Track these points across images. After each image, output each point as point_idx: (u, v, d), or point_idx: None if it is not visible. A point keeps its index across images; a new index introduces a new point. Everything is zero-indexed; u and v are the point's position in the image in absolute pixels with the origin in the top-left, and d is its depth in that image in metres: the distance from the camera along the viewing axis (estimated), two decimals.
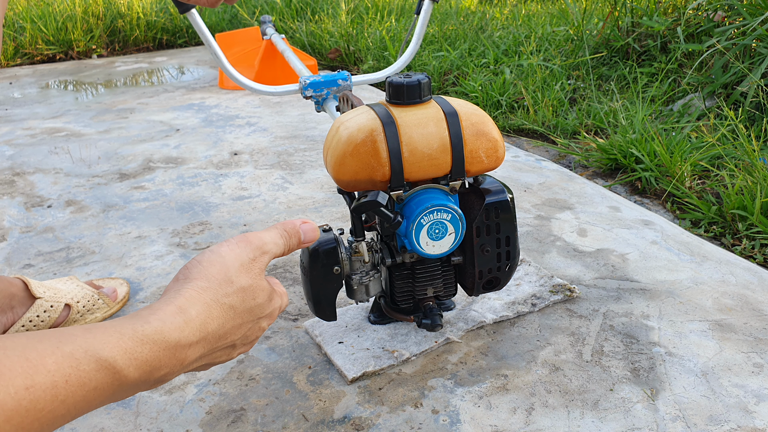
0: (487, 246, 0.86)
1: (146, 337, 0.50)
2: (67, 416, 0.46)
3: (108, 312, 1.05)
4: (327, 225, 0.86)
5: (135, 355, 0.49)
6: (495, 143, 0.83)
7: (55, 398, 0.44)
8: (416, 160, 0.80)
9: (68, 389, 0.45)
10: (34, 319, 0.98)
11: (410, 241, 0.82)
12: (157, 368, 0.51)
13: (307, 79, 1.30)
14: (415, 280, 0.89)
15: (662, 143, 1.58)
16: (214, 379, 0.92)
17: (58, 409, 0.45)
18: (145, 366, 0.50)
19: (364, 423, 0.83)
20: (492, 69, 2.46)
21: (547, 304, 1.03)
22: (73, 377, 0.45)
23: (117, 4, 3.50)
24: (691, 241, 1.25)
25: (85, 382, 0.46)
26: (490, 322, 0.99)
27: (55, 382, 0.44)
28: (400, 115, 0.80)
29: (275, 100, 2.35)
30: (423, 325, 0.89)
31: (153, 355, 0.51)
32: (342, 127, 0.81)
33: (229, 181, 1.61)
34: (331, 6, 3.59)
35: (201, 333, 0.55)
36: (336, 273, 0.84)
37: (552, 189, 1.50)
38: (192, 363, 0.56)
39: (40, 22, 3.30)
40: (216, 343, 0.58)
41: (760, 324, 0.99)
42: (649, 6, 2.39)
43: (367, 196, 0.78)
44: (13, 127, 2.18)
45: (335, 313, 0.87)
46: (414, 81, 0.80)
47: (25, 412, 0.42)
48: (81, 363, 0.46)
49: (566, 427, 0.81)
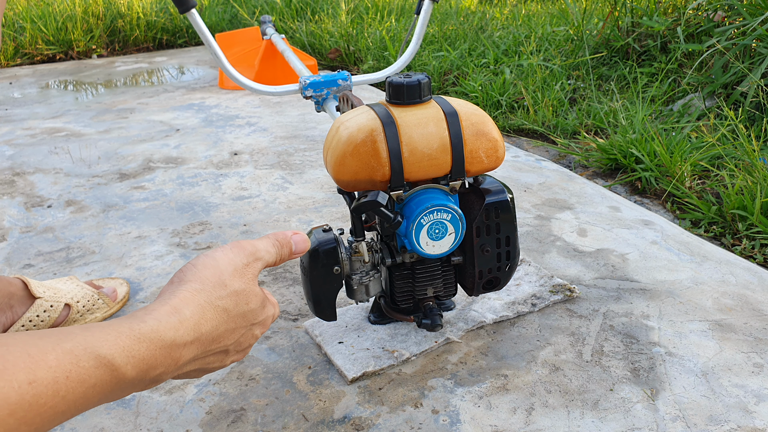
0: (487, 246, 0.86)
1: (143, 336, 0.51)
2: (67, 413, 0.47)
3: (108, 312, 1.05)
4: (327, 225, 0.86)
5: (132, 353, 0.50)
6: (495, 143, 0.83)
7: (56, 394, 0.45)
8: (416, 160, 0.80)
9: (69, 385, 0.46)
10: (33, 318, 0.98)
11: (410, 241, 0.82)
12: (153, 367, 0.52)
13: (307, 79, 1.30)
14: (415, 280, 0.89)
15: (662, 143, 1.58)
16: (214, 379, 0.92)
17: (59, 405, 0.45)
18: (141, 364, 0.51)
19: (364, 423, 0.83)
20: (492, 69, 2.46)
21: (547, 304, 1.03)
22: (74, 373, 0.46)
23: (117, 4, 3.50)
24: (691, 241, 1.25)
25: (84, 378, 0.47)
26: (490, 322, 0.99)
27: (57, 377, 0.45)
28: (400, 115, 0.80)
29: (275, 100, 2.35)
30: (423, 325, 0.89)
31: (149, 354, 0.52)
32: (342, 127, 0.81)
33: (229, 181, 1.61)
34: (331, 6, 3.59)
35: (195, 333, 0.56)
36: (336, 273, 0.84)
37: (552, 189, 1.50)
38: (186, 364, 0.57)
39: (40, 22, 3.30)
40: (209, 346, 0.58)
41: (760, 324, 0.99)
42: (649, 6, 2.39)
43: (367, 196, 0.78)
44: (13, 127, 2.18)
45: (335, 313, 0.87)
46: (414, 81, 0.80)
47: (28, 407, 0.43)
48: (81, 360, 0.47)
49: (566, 427, 0.81)
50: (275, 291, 1.12)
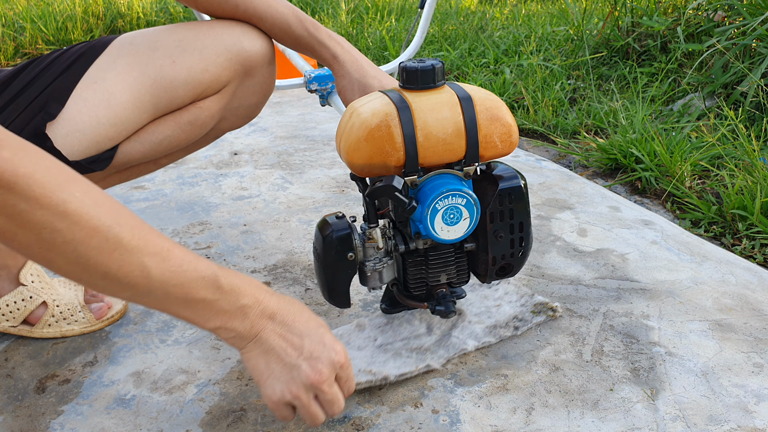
0: (500, 232, 0.86)
1: (228, 272, 0.70)
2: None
3: (88, 328, 1.02)
4: (340, 212, 0.86)
5: (225, 272, 0.68)
6: (509, 128, 0.82)
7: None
8: (431, 144, 0.79)
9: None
10: (10, 303, 0.97)
11: (425, 226, 0.82)
12: (241, 292, 0.69)
13: (312, 73, 1.30)
14: (428, 266, 0.89)
15: (662, 143, 1.58)
16: (214, 379, 0.92)
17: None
18: (233, 280, 0.69)
19: (364, 423, 0.83)
20: (492, 69, 2.46)
21: (530, 327, 0.99)
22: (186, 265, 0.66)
23: (117, 4, 3.51)
24: (691, 241, 1.25)
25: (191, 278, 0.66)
26: (472, 350, 0.94)
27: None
28: (415, 100, 0.79)
29: (275, 100, 2.35)
30: (437, 312, 0.88)
31: (238, 278, 0.70)
32: (356, 113, 0.81)
33: (229, 181, 1.61)
34: (331, 6, 3.59)
35: (276, 297, 0.74)
36: (350, 260, 0.84)
37: (552, 189, 1.50)
38: (269, 319, 0.71)
39: (40, 22, 3.30)
40: (288, 322, 0.73)
41: (760, 324, 0.99)
42: (649, 6, 2.39)
43: (382, 180, 0.78)
44: None
45: (349, 300, 0.87)
46: (428, 66, 0.79)
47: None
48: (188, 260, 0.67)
49: (566, 427, 0.81)
50: (275, 291, 1.12)
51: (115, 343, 1.00)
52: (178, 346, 0.99)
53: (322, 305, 1.07)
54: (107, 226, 0.58)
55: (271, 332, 0.71)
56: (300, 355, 0.71)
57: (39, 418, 0.85)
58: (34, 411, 0.87)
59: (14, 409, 0.87)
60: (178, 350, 0.98)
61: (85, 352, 0.98)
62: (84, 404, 0.88)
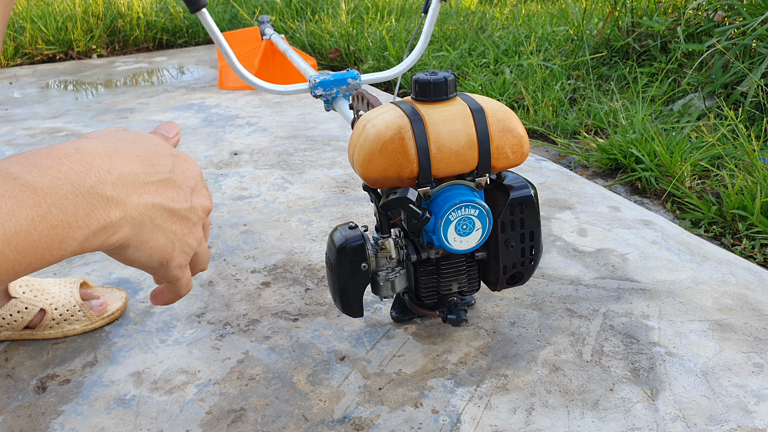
0: (511, 241, 0.86)
1: (41, 151, 0.44)
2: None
3: (89, 326, 1.02)
4: (353, 222, 0.86)
5: (29, 159, 0.42)
6: (520, 139, 0.83)
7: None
8: (444, 156, 0.80)
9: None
10: (6, 317, 0.97)
11: (438, 236, 0.82)
12: (76, 173, 0.43)
13: (317, 78, 1.30)
14: (440, 275, 0.90)
15: (662, 143, 1.58)
16: (214, 379, 0.92)
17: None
18: (41, 166, 0.42)
19: (364, 423, 0.83)
20: (492, 69, 2.46)
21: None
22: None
23: (117, 4, 3.50)
24: (691, 241, 1.25)
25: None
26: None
27: None
28: (428, 112, 0.80)
29: (275, 101, 2.35)
30: (448, 321, 0.90)
31: (49, 156, 0.43)
32: (369, 125, 0.81)
33: (229, 181, 1.61)
34: (331, 6, 3.59)
35: (109, 142, 0.47)
36: (363, 269, 0.85)
37: (552, 189, 1.50)
38: (122, 178, 0.46)
39: (40, 22, 3.30)
40: (144, 165, 0.48)
41: (760, 324, 0.99)
42: (649, 6, 2.39)
43: (396, 192, 0.79)
44: (13, 127, 2.18)
45: (362, 309, 0.88)
46: (441, 78, 0.80)
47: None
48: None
49: (566, 427, 0.81)
50: (275, 291, 1.12)
51: (115, 343, 1.00)
52: (178, 346, 0.99)
53: (322, 305, 1.07)
54: None
55: (147, 196, 0.50)
56: (179, 193, 0.52)
57: (39, 418, 0.85)
58: (34, 411, 0.87)
59: (14, 409, 0.87)
60: (178, 350, 0.98)
61: (85, 352, 0.98)
62: (84, 404, 0.88)
